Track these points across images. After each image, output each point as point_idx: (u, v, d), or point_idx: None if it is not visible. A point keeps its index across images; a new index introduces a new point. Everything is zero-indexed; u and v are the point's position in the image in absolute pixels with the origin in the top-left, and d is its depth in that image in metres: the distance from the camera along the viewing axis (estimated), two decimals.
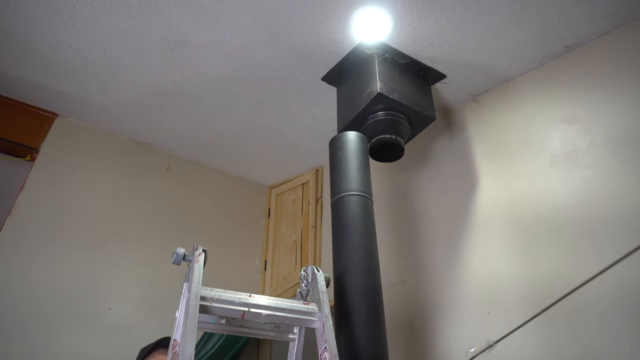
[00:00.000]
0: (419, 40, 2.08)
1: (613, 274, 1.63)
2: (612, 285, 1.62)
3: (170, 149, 3.03)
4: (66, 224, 2.43)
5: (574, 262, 1.75)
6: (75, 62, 2.25)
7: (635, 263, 1.60)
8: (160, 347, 1.68)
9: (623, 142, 1.80)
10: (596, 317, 1.62)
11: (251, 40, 2.11)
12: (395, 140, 2.03)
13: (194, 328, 1.02)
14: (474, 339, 1.91)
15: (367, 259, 1.58)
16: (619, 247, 1.65)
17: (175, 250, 1.24)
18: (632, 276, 1.59)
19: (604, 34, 2.01)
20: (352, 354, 1.34)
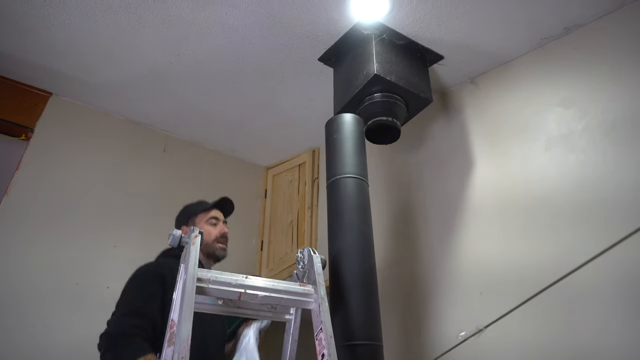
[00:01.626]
0: (417, 21, 2.05)
1: (607, 258, 1.66)
2: (606, 269, 1.65)
3: (166, 129, 3.01)
4: (63, 204, 2.43)
5: (568, 246, 1.77)
6: (69, 41, 2.22)
7: (630, 247, 1.62)
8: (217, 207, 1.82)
9: (619, 126, 1.80)
10: (589, 301, 1.66)
11: (247, 19, 2.08)
12: (392, 122, 2.03)
13: (190, 309, 1.04)
14: (465, 322, 1.95)
15: (363, 241, 1.59)
16: (614, 231, 1.67)
17: (172, 232, 1.25)
18: (626, 260, 1.61)
19: (603, 16, 1.99)
20: (347, 335, 1.37)
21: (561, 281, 1.73)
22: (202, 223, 1.78)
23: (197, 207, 1.83)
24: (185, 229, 1.78)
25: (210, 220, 1.78)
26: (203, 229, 1.74)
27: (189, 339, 0.97)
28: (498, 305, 1.88)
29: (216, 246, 1.75)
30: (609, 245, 1.65)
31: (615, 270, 1.63)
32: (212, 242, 1.74)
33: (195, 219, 1.79)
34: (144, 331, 1.43)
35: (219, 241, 1.76)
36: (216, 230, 1.77)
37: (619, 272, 1.62)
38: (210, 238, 1.74)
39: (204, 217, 1.79)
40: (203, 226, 1.76)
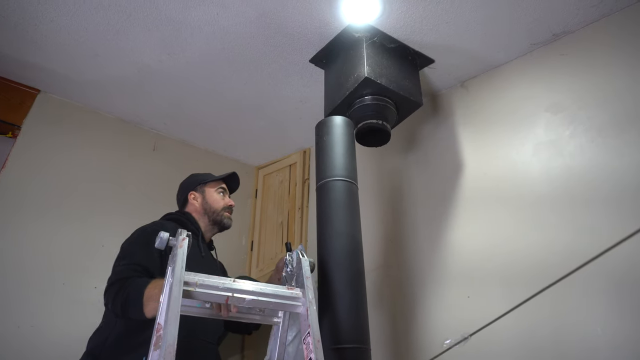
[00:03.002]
0: (408, 24, 2.06)
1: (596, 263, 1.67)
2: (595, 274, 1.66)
3: (156, 128, 2.99)
4: (50, 203, 2.41)
5: (556, 250, 1.79)
6: (57, 38, 2.19)
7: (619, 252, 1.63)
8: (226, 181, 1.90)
9: (604, 132, 1.83)
10: (575, 307, 1.68)
11: (238, 19, 2.07)
12: (382, 125, 2.03)
13: (176, 313, 1.04)
14: (452, 327, 1.96)
15: (351, 244, 1.60)
16: (599, 235, 1.69)
17: (159, 235, 1.24)
18: (617, 265, 1.63)
19: (591, 23, 2.01)
20: (335, 339, 1.38)
21: (552, 286, 1.74)
22: (211, 191, 1.84)
23: (207, 176, 1.89)
24: (193, 194, 1.83)
25: (219, 189, 1.85)
26: (212, 196, 1.81)
27: (174, 343, 0.97)
28: (485, 310, 1.89)
29: (224, 214, 1.82)
30: (598, 249, 1.67)
31: (605, 274, 1.64)
32: (220, 210, 1.81)
33: (204, 186, 1.85)
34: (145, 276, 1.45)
35: (227, 210, 1.83)
36: (224, 201, 1.83)
37: (609, 276, 1.64)
38: (219, 206, 1.81)
39: (214, 186, 1.86)
40: (212, 194, 1.83)
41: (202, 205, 1.82)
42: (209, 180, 1.87)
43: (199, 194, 1.85)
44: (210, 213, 1.80)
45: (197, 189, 1.86)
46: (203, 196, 1.84)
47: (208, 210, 1.81)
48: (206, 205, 1.82)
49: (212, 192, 1.84)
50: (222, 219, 1.81)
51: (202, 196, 1.84)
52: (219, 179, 1.88)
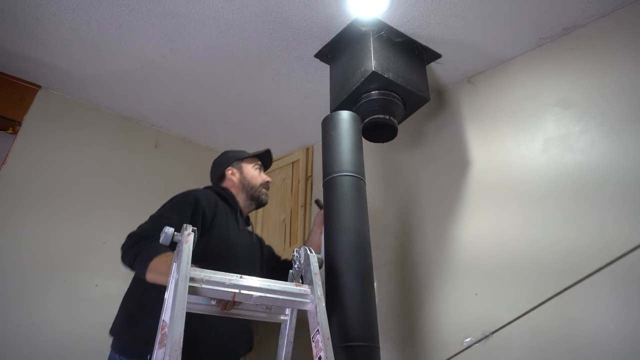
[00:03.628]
0: (415, 18, 2.03)
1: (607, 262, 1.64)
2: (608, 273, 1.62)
3: (158, 125, 2.96)
4: (50, 200, 2.38)
5: (565, 249, 1.75)
6: (59, 32, 2.16)
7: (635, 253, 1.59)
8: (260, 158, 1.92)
9: (617, 127, 1.79)
10: (587, 306, 1.64)
11: (243, 13, 2.04)
12: (389, 120, 2.00)
13: (182, 310, 1.00)
14: (461, 324, 1.93)
15: (359, 240, 1.56)
16: (613, 235, 1.65)
17: (164, 230, 1.21)
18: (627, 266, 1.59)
19: (602, 17, 1.98)
20: (344, 336, 1.34)
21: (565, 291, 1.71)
22: (249, 167, 1.84)
23: (243, 153, 1.89)
24: (231, 170, 1.83)
25: (256, 165, 1.86)
26: (250, 172, 1.82)
27: (180, 341, 0.94)
28: (494, 305, 1.86)
29: (261, 190, 1.82)
30: (611, 248, 1.64)
31: (618, 273, 1.61)
32: (258, 186, 1.81)
33: (241, 162, 1.85)
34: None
35: (264, 187, 1.83)
36: (261, 177, 1.84)
37: (623, 275, 1.60)
38: (257, 182, 1.82)
39: (251, 162, 1.87)
40: (250, 170, 1.83)
41: (240, 181, 1.82)
42: (246, 156, 1.88)
43: (236, 169, 1.85)
44: (249, 189, 1.81)
45: (235, 165, 1.85)
46: (241, 172, 1.84)
47: (246, 186, 1.81)
48: (244, 180, 1.82)
49: (249, 168, 1.84)
50: (260, 195, 1.82)
51: (239, 172, 1.84)
52: (255, 155, 1.89)
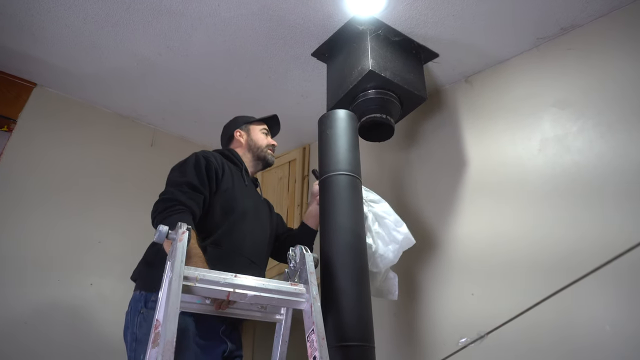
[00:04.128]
0: (413, 17, 2.02)
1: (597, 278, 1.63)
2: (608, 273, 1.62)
3: (154, 123, 2.95)
4: (45, 198, 2.36)
5: (561, 249, 1.75)
6: (54, 29, 2.14)
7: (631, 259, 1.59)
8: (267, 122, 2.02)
9: (614, 127, 1.79)
10: (584, 305, 1.64)
11: (240, 11, 2.03)
12: (386, 119, 1.99)
13: (176, 309, 0.99)
14: (457, 325, 1.92)
15: (355, 239, 1.55)
16: (611, 232, 1.65)
17: (158, 228, 1.20)
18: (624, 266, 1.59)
19: (600, 17, 1.97)
20: (339, 336, 1.33)
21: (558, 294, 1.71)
22: (256, 130, 1.94)
23: (251, 117, 2.00)
24: (239, 132, 1.93)
25: (263, 129, 1.96)
26: (256, 134, 1.93)
27: (173, 340, 0.93)
28: (490, 305, 1.85)
29: (267, 151, 1.92)
30: (608, 247, 1.63)
31: (617, 272, 1.61)
32: (264, 147, 1.91)
33: (249, 125, 1.95)
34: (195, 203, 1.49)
35: (270, 148, 1.94)
36: (266, 139, 1.94)
37: (620, 275, 1.60)
38: (263, 143, 1.92)
39: (259, 126, 1.96)
40: (257, 132, 1.93)
41: (247, 141, 1.92)
42: (254, 120, 1.97)
43: (244, 132, 1.94)
44: (255, 149, 1.90)
45: (243, 127, 1.95)
46: (248, 134, 1.93)
47: (253, 147, 1.91)
48: (251, 142, 1.91)
49: (256, 131, 1.94)
50: (266, 155, 1.91)
51: (247, 134, 1.93)
52: (262, 120, 1.98)
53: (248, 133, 1.94)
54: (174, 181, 1.55)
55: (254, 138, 1.92)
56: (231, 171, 1.73)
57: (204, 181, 1.57)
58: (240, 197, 1.69)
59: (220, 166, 1.68)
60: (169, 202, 1.44)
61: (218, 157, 1.72)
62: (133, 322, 1.45)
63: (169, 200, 1.45)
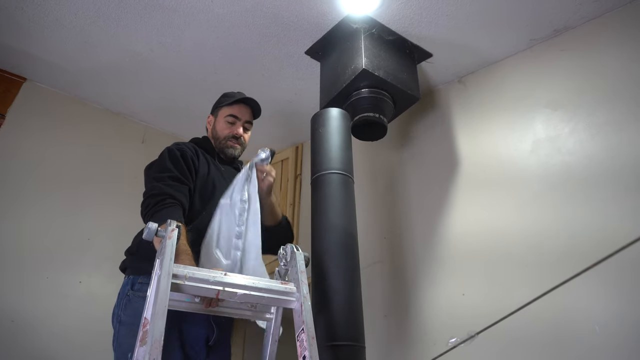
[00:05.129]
0: (407, 16, 2.02)
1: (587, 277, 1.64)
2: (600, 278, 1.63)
3: (146, 120, 2.92)
4: (34, 195, 2.33)
5: (553, 249, 1.75)
6: (45, 23, 2.12)
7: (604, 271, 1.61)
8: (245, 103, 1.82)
9: (605, 129, 1.80)
10: (576, 305, 1.65)
11: (233, 7, 2.01)
12: (379, 119, 1.99)
13: (164, 307, 0.98)
14: (448, 325, 1.92)
15: (347, 238, 1.55)
16: (602, 234, 1.66)
17: (147, 225, 1.18)
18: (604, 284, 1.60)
19: (592, 19, 1.98)
20: (330, 335, 1.33)
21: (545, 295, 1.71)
22: (220, 118, 1.78)
23: (223, 100, 1.82)
24: (209, 118, 1.82)
25: (228, 117, 1.76)
26: (219, 123, 1.77)
27: (161, 339, 0.91)
28: (482, 305, 1.86)
29: (227, 144, 1.75)
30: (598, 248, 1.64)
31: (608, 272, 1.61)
32: (222, 139, 1.75)
33: (218, 111, 1.80)
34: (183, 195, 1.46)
35: (230, 140, 1.75)
36: (229, 130, 1.76)
37: (610, 275, 1.61)
38: (221, 135, 1.75)
39: (224, 113, 1.78)
40: (220, 121, 1.77)
41: (211, 131, 1.80)
42: (223, 105, 1.79)
43: (213, 117, 1.82)
44: (216, 140, 1.77)
45: (214, 112, 1.82)
46: (215, 121, 1.80)
47: (214, 138, 1.78)
48: (214, 131, 1.79)
49: (220, 119, 1.78)
50: (224, 148, 1.75)
51: (215, 121, 1.80)
52: (229, 104, 1.79)
53: (215, 120, 1.80)
54: (156, 177, 1.51)
55: (216, 127, 1.78)
56: (205, 158, 1.69)
57: (184, 172, 1.53)
58: (218, 183, 1.64)
59: (194, 154, 1.63)
60: (159, 197, 1.41)
61: (190, 146, 1.67)
62: (119, 304, 1.45)
63: (158, 195, 1.42)
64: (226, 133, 1.75)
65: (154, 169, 1.57)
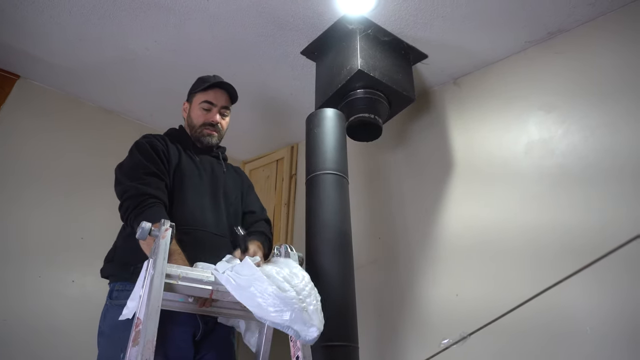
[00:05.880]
0: (402, 17, 2.02)
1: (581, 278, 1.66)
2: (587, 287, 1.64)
3: (141, 119, 2.91)
4: (27, 193, 2.31)
5: (545, 253, 1.76)
6: (39, 20, 2.10)
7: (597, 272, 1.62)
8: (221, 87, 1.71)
9: (598, 132, 1.81)
10: (568, 306, 1.66)
11: (229, 7, 2.01)
12: (374, 119, 1.99)
13: (157, 307, 0.98)
14: (442, 326, 1.93)
15: (341, 239, 1.56)
16: (592, 240, 1.67)
17: (141, 225, 1.18)
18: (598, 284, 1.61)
19: (586, 22, 2.00)
20: (323, 336, 1.32)
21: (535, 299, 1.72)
22: (195, 105, 1.69)
23: (197, 85, 1.72)
24: (185, 105, 1.74)
25: (203, 104, 1.67)
26: (194, 111, 1.68)
27: (154, 340, 0.91)
28: (474, 306, 1.86)
29: (203, 131, 1.66)
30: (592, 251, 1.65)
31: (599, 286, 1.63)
32: (197, 127, 1.67)
33: (192, 97, 1.72)
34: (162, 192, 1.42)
35: (206, 127, 1.67)
36: (204, 117, 1.67)
37: (601, 277, 1.62)
38: (197, 123, 1.67)
39: (199, 99, 1.68)
40: (195, 108, 1.68)
41: (187, 119, 1.72)
42: (197, 91, 1.70)
43: (189, 104, 1.74)
44: (191, 128, 1.68)
45: (189, 99, 1.74)
46: (190, 107, 1.72)
47: (190, 125, 1.70)
48: (189, 119, 1.70)
49: (195, 105, 1.69)
50: (200, 137, 1.67)
51: (190, 107, 1.72)
52: (204, 89, 1.69)
53: (190, 106, 1.72)
54: (130, 175, 1.44)
55: (191, 115, 1.69)
56: (176, 147, 1.61)
57: (159, 165, 1.48)
58: (190, 171, 1.57)
59: (164, 145, 1.57)
60: (140, 198, 1.36)
61: (159, 137, 1.60)
62: (101, 315, 1.44)
63: (137, 196, 1.37)
64: (202, 120, 1.67)
65: (126, 166, 1.50)
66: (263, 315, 1.03)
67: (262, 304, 1.02)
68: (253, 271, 1.07)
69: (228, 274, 1.10)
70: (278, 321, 1.02)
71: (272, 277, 1.07)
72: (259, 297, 1.03)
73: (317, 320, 1.04)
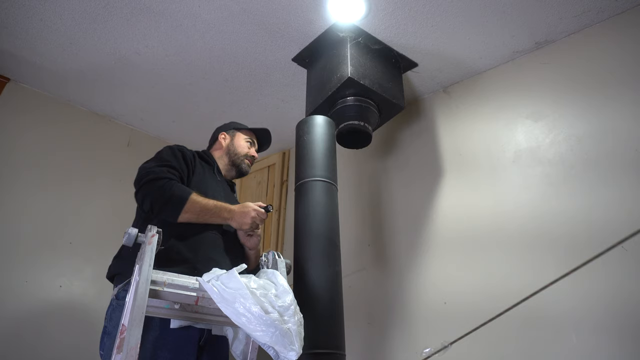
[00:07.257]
0: (393, 26, 2.04)
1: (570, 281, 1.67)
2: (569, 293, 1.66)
3: (131, 123, 2.90)
4: (15, 196, 2.30)
5: (532, 266, 1.78)
6: (29, 23, 2.10)
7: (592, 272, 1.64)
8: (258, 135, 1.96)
9: (584, 141, 1.83)
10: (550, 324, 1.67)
11: (221, 13, 2.02)
12: (364, 127, 2.00)
13: (142, 314, 0.97)
14: (429, 334, 1.94)
15: (329, 247, 1.56)
16: (578, 246, 1.69)
17: (127, 231, 1.17)
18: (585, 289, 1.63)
19: (573, 33, 2.03)
20: (311, 343, 1.33)
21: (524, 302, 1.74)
22: (240, 138, 1.89)
23: (243, 126, 1.96)
24: (224, 135, 1.90)
25: (247, 139, 1.90)
26: (239, 142, 1.88)
27: (137, 347, 0.91)
28: (463, 316, 1.87)
29: (244, 160, 1.86)
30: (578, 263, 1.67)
31: (582, 296, 1.64)
32: (242, 156, 1.86)
33: (237, 132, 1.91)
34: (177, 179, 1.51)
35: (248, 158, 1.87)
36: (249, 150, 1.88)
37: (584, 294, 1.64)
38: (242, 152, 1.86)
39: (244, 135, 1.90)
40: (240, 140, 1.88)
41: (227, 146, 1.89)
42: (243, 128, 1.94)
43: (229, 135, 1.92)
44: (232, 155, 1.86)
45: (229, 132, 1.92)
46: (232, 139, 1.90)
47: (231, 152, 1.87)
48: (231, 146, 1.88)
49: (241, 138, 1.89)
50: (241, 164, 1.86)
51: (231, 138, 1.90)
52: (251, 130, 1.95)
53: (232, 138, 1.91)
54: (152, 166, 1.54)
55: (235, 144, 1.88)
56: (202, 166, 1.73)
57: (182, 166, 1.58)
58: (212, 188, 1.68)
59: (192, 158, 1.68)
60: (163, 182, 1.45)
61: (190, 151, 1.72)
62: (106, 315, 1.42)
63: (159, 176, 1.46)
64: (246, 152, 1.87)
65: (152, 161, 1.60)
66: (247, 332, 1.07)
67: (246, 322, 1.06)
68: (239, 286, 1.09)
69: (213, 283, 1.11)
70: (260, 340, 1.06)
71: (257, 297, 1.10)
72: (242, 315, 1.06)
73: (297, 345, 1.08)
